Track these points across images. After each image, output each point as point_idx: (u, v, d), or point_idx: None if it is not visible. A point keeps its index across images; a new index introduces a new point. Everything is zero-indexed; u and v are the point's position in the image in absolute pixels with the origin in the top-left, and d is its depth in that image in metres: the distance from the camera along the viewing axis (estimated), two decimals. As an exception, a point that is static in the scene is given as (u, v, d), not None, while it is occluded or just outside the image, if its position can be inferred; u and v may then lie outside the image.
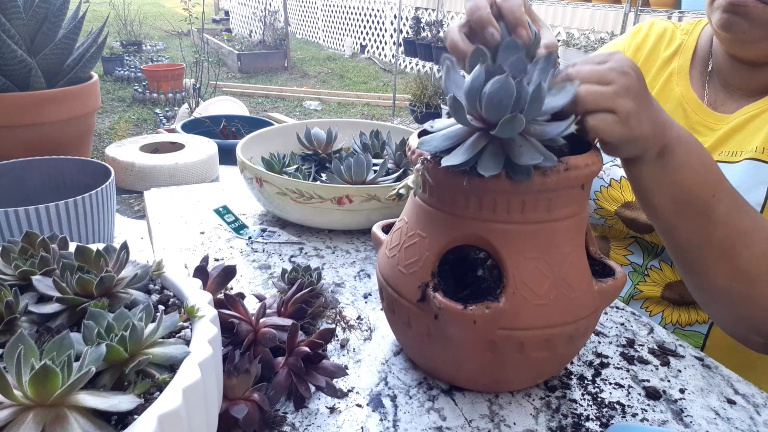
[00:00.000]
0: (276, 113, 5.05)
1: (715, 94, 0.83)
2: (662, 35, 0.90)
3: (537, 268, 0.49)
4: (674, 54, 0.87)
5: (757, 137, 0.75)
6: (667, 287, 0.84)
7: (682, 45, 0.87)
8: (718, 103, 0.82)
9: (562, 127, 0.45)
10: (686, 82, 0.85)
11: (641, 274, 0.87)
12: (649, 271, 0.86)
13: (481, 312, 0.46)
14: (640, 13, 3.36)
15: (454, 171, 0.47)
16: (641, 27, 0.93)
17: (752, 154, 0.74)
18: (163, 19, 10.05)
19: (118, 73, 6.16)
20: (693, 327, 0.83)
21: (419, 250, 0.52)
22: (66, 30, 1.07)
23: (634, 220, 0.83)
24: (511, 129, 0.43)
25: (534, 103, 0.43)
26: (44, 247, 0.43)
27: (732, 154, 0.77)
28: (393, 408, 0.53)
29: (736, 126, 0.78)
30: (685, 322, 0.83)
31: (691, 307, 0.83)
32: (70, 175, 0.89)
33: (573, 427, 0.52)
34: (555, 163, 0.45)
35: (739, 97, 0.80)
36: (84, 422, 0.29)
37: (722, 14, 0.72)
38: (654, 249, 0.85)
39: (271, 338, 0.53)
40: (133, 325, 0.33)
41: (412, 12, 6.69)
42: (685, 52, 0.87)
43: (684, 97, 0.84)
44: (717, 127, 0.80)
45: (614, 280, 0.53)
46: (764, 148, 0.74)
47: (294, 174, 0.91)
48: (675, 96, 0.84)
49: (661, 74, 0.87)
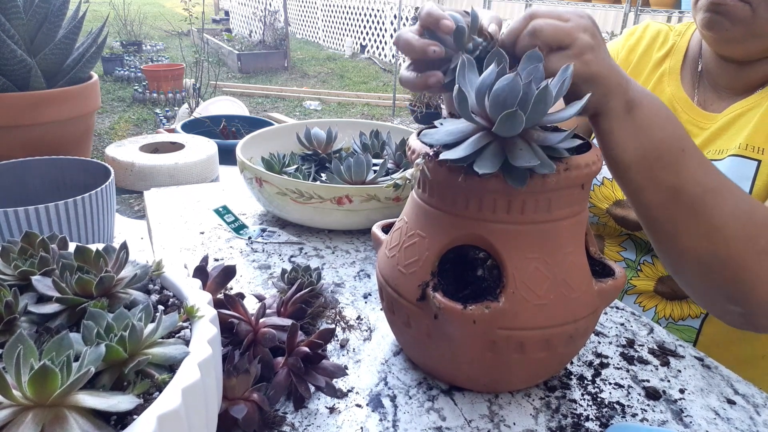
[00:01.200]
0: (276, 113, 5.05)
1: (704, 94, 0.84)
2: (656, 37, 0.91)
3: (537, 268, 0.49)
4: (666, 55, 0.89)
5: (741, 134, 0.76)
6: (659, 281, 0.86)
7: (674, 46, 0.89)
8: (708, 103, 0.83)
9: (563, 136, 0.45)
10: (677, 82, 0.86)
11: (634, 269, 0.88)
12: (642, 266, 0.88)
13: (481, 312, 0.46)
14: (640, 13, 3.36)
15: (452, 168, 0.47)
16: (636, 29, 0.95)
17: (736, 151, 0.75)
18: (163, 19, 10.05)
19: (118, 73, 6.17)
20: (686, 321, 0.84)
21: (419, 250, 0.52)
22: (66, 30, 1.07)
23: (625, 218, 0.85)
24: (510, 126, 0.43)
25: (539, 104, 0.43)
26: (44, 247, 0.43)
27: (718, 152, 0.78)
28: (393, 408, 0.53)
29: (723, 125, 0.79)
30: (678, 317, 0.84)
31: (684, 302, 0.84)
32: (70, 175, 0.89)
33: (573, 427, 0.52)
34: (553, 170, 0.44)
35: (728, 96, 0.82)
36: (83, 422, 0.29)
37: (705, 14, 0.73)
38: (647, 245, 0.87)
39: (271, 338, 0.53)
40: (132, 326, 0.33)
41: (412, 12, 6.69)
42: (676, 54, 0.88)
43: (675, 97, 0.85)
44: (706, 126, 0.81)
45: (614, 280, 0.53)
46: (747, 145, 0.75)
47: (294, 174, 0.91)
48: (666, 96, 0.86)
49: (653, 75, 0.88)
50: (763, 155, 0.74)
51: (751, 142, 0.75)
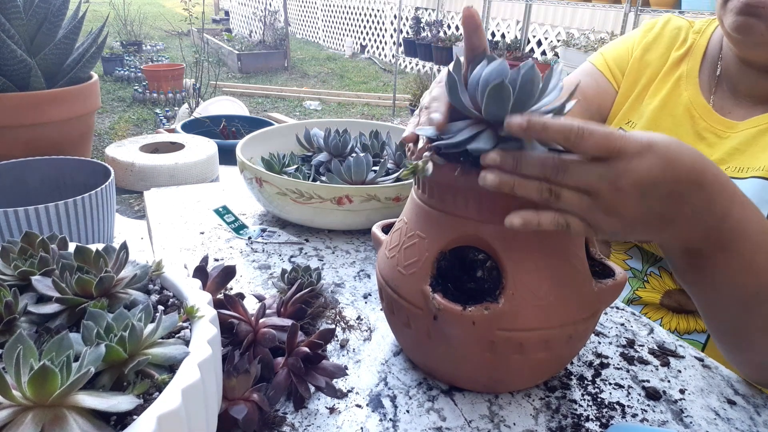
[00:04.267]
0: (276, 113, 5.05)
1: (722, 100, 0.80)
2: (676, 36, 0.87)
3: (536, 269, 0.49)
4: (685, 55, 0.85)
5: (764, 154, 0.73)
6: (666, 294, 0.83)
7: (692, 46, 0.85)
8: (726, 110, 0.79)
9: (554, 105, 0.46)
10: (695, 87, 0.82)
11: (641, 280, 0.86)
12: (649, 277, 0.85)
13: (480, 313, 0.46)
14: (640, 13, 3.35)
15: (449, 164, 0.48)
16: (654, 24, 0.90)
17: (759, 173, 0.72)
18: (163, 19, 10.05)
19: (118, 73, 6.16)
20: (691, 335, 0.82)
21: (419, 250, 0.52)
22: (66, 30, 1.07)
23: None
24: (498, 100, 0.43)
25: (526, 83, 0.44)
26: (44, 247, 0.43)
27: (739, 170, 0.74)
28: (393, 408, 0.53)
29: (745, 140, 0.75)
30: (684, 330, 0.82)
31: (690, 316, 0.82)
32: (70, 175, 0.89)
33: (573, 427, 0.52)
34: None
35: (747, 105, 0.78)
36: (83, 423, 0.29)
37: (737, 17, 0.69)
38: (653, 256, 0.84)
39: (271, 338, 0.53)
40: (132, 326, 0.33)
41: (412, 12, 6.69)
42: (695, 55, 0.84)
43: (692, 103, 0.81)
44: (725, 135, 0.77)
45: (614, 281, 0.52)
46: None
47: (294, 174, 0.91)
48: (683, 101, 0.82)
49: (670, 77, 0.85)
50: None
51: None
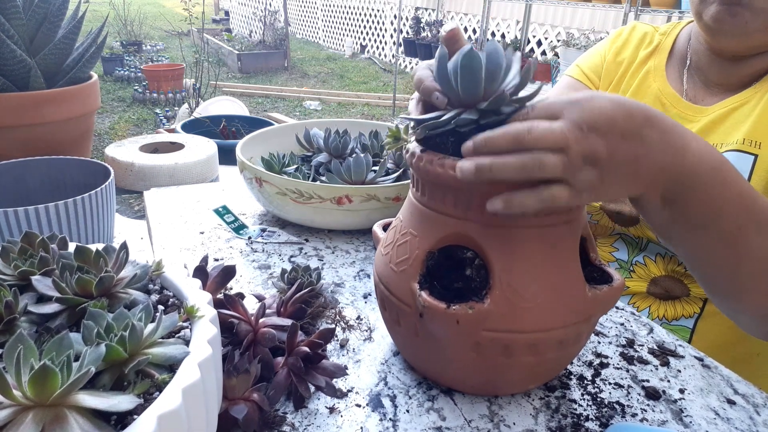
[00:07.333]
0: (276, 113, 5.04)
1: (694, 90, 0.85)
2: (643, 39, 0.93)
3: (524, 270, 0.48)
4: (652, 53, 0.90)
5: (738, 130, 0.77)
6: (652, 282, 0.86)
7: (659, 45, 0.90)
8: (698, 99, 0.84)
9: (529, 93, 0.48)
10: (663, 78, 0.87)
11: (627, 270, 0.89)
12: (635, 267, 0.88)
13: (464, 312, 0.46)
14: (640, 13, 3.35)
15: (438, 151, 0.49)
16: (622, 31, 0.96)
17: (735, 146, 0.76)
18: (163, 19, 10.05)
19: (118, 73, 6.16)
20: (679, 321, 0.85)
21: (410, 248, 0.52)
22: (65, 30, 1.07)
23: (619, 213, 0.86)
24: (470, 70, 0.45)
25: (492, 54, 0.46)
26: (44, 247, 0.43)
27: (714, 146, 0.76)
28: (393, 408, 0.53)
29: (717, 118, 0.79)
30: (672, 317, 0.85)
31: (677, 301, 0.85)
32: (70, 175, 0.89)
33: (573, 427, 0.52)
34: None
35: (718, 92, 0.82)
36: (83, 422, 0.29)
37: (720, 6, 0.72)
38: (639, 243, 0.87)
39: (271, 338, 0.53)
40: (132, 325, 0.33)
41: (412, 12, 6.69)
42: (661, 52, 0.90)
43: (662, 92, 0.86)
44: (695, 119, 0.82)
45: (610, 288, 0.51)
46: (744, 140, 0.75)
47: (294, 174, 0.91)
48: (652, 91, 0.87)
49: (638, 73, 0.90)
50: (760, 149, 0.74)
51: (749, 136, 0.75)
